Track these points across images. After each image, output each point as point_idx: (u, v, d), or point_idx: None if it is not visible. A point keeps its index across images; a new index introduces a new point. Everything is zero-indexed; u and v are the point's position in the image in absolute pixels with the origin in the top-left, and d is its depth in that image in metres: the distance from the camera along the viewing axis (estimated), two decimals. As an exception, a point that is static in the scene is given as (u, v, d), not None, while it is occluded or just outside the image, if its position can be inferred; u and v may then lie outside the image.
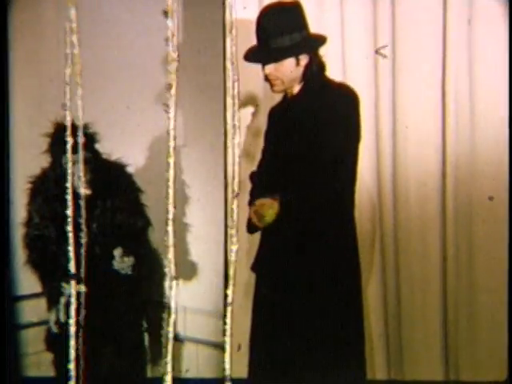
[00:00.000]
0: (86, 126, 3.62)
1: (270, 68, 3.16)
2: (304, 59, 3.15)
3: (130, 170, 3.87)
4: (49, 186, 3.68)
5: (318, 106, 3.12)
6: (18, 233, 3.80)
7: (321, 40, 3.20)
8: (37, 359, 4.01)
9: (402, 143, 3.69)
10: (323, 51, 3.30)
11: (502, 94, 3.54)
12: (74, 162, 3.57)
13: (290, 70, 3.16)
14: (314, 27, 3.61)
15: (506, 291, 3.51)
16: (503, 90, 3.53)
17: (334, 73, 3.57)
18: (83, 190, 3.60)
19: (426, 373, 3.70)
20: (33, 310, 4.08)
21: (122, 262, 3.73)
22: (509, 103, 3.52)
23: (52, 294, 3.68)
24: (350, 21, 3.74)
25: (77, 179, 3.56)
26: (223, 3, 3.56)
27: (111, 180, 3.74)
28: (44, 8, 4.06)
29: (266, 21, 3.15)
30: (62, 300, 3.65)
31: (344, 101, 3.13)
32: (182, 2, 3.95)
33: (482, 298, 3.63)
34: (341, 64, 3.73)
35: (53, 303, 3.68)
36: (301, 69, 3.15)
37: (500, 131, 3.55)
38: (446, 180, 3.65)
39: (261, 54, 3.17)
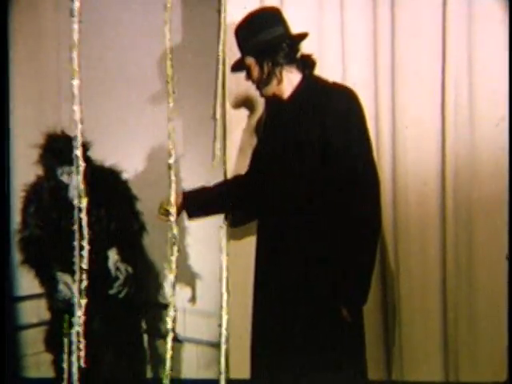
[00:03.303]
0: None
1: (245, 74, 3.25)
2: (265, 61, 3.17)
3: (126, 175, 3.87)
4: (42, 195, 3.68)
5: (317, 108, 3.13)
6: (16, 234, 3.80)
7: (278, 41, 3.20)
8: (36, 360, 4.01)
9: (401, 143, 3.68)
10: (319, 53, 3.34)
11: (502, 94, 3.53)
12: (70, 174, 3.59)
13: (255, 72, 3.21)
14: (313, 29, 3.65)
15: (505, 291, 3.50)
16: (503, 90, 3.53)
17: (334, 73, 3.58)
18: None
19: (425, 373, 3.69)
20: (32, 311, 4.08)
21: (116, 268, 3.73)
22: (509, 103, 3.52)
23: (50, 282, 3.67)
24: (350, 22, 3.73)
25: (72, 190, 3.57)
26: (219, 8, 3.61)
27: (106, 188, 3.74)
28: (44, 8, 4.06)
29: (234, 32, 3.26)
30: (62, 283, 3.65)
31: (345, 100, 3.14)
32: (182, 2, 3.96)
33: (481, 299, 3.61)
34: (341, 64, 3.72)
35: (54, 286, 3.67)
36: (267, 70, 3.17)
37: (500, 131, 3.55)
38: (445, 179, 3.63)
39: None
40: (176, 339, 3.98)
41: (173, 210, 3.35)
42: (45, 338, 3.83)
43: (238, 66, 3.28)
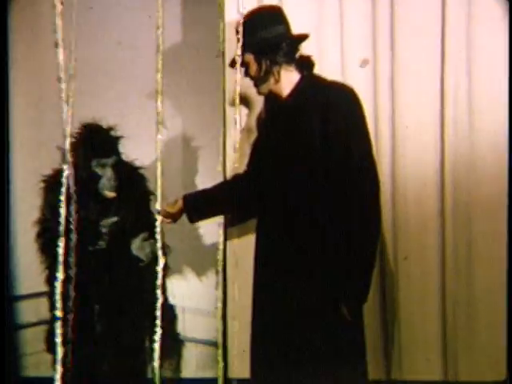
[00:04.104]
0: (111, 129, 3.65)
1: (243, 71, 3.26)
2: (262, 59, 3.18)
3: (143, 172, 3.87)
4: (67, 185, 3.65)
5: (317, 106, 3.13)
6: (17, 234, 3.80)
7: (276, 40, 3.20)
8: (36, 359, 4.01)
9: (401, 143, 3.68)
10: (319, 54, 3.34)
11: (502, 94, 3.53)
12: (104, 166, 3.61)
13: (253, 69, 3.22)
14: (313, 28, 3.65)
15: (504, 291, 3.50)
16: (503, 90, 3.53)
17: (333, 73, 3.58)
18: (108, 193, 3.62)
19: (425, 373, 3.69)
20: (32, 310, 4.07)
21: (141, 247, 3.72)
22: (508, 103, 3.52)
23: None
24: (350, 21, 3.73)
25: (105, 182, 3.59)
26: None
27: (129, 182, 3.75)
28: (44, 8, 4.05)
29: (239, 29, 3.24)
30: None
31: (345, 99, 3.14)
32: (182, 1, 3.96)
33: (480, 299, 3.61)
34: (340, 64, 3.72)
35: None
36: (264, 68, 3.18)
37: (499, 131, 3.56)
38: (445, 180, 3.64)
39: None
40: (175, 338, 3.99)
41: (173, 210, 3.38)
42: (46, 338, 3.82)
43: (236, 63, 3.29)
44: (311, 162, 3.12)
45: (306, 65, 3.24)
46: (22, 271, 3.88)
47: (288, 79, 3.20)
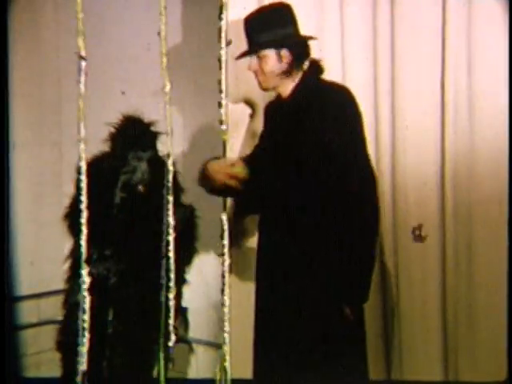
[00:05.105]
0: (152, 123, 3.66)
1: (253, 63, 3.24)
2: (286, 56, 3.20)
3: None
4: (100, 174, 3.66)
5: (313, 106, 3.15)
6: (17, 234, 3.80)
7: (304, 39, 3.24)
8: (36, 360, 4.01)
9: (401, 143, 3.69)
10: (319, 54, 3.34)
11: (502, 95, 3.54)
12: (140, 159, 3.63)
13: (271, 64, 3.21)
14: (313, 28, 3.66)
15: (505, 291, 3.51)
16: (503, 91, 3.53)
17: (333, 73, 3.59)
18: (140, 187, 3.63)
19: (425, 373, 3.70)
20: (32, 311, 4.08)
21: (182, 212, 3.72)
22: (509, 104, 3.52)
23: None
24: (350, 21, 3.75)
25: (138, 175, 3.61)
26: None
27: (161, 177, 3.76)
28: (44, 8, 4.07)
29: (252, 19, 3.25)
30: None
31: (339, 99, 3.16)
32: (182, 1, 3.96)
33: (481, 299, 3.62)
34: (340, 64, 3.74)
35: None
36: (284, 65, 3.20)
37: (500, 131, 3.56)
38: (445, 180, 3.65)
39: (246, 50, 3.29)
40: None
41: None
42: (57, 335, 3.80)
43: (243, 56, 3.29)
44: (310, 162, 3.12)
45: (312, 67, 3.25)
46: (22, 271, 3.88)
47: (292, 78, 3.21)
